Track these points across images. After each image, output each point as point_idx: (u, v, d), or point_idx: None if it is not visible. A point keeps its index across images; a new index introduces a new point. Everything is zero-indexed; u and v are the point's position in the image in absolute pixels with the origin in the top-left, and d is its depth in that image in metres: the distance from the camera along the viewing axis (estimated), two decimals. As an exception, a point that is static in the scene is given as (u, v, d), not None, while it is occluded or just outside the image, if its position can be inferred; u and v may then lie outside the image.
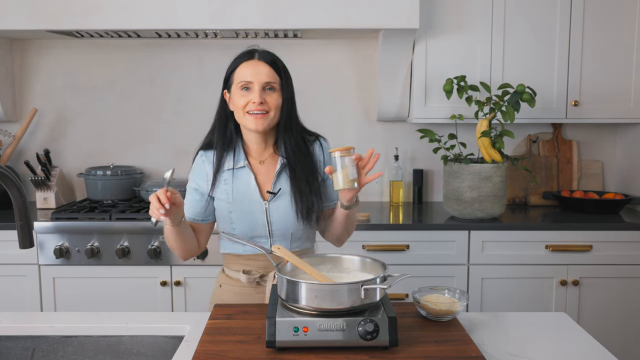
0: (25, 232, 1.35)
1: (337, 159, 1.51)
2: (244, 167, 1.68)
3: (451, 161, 2.76)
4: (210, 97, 3.16)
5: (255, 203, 1.67)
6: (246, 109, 1.61)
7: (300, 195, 1.65)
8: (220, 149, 1.69)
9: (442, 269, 2.67)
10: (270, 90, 1.62)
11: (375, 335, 1.29)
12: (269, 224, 1.67)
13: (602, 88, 2.87)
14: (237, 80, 1.63)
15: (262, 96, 1.60)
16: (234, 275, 1.74)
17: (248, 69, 1.61)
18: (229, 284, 1.75)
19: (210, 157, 1.71)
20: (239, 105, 1.62)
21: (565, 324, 1.54)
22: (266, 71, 1.61)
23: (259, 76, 1.60)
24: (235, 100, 1.64)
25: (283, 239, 1.69)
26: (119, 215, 2.68)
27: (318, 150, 1.73)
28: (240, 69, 1.63)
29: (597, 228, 2.66)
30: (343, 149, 1.51)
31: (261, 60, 1.63)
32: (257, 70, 1.61)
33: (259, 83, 1.60)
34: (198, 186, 1.72)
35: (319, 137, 1.75)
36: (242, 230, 1.68)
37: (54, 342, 1.53)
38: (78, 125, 3.19)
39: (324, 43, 3.13)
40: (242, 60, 1.64)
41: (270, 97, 1.62)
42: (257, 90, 1.60)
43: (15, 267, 2.67)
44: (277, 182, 1.68)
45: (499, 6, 2.80)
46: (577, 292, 2.69)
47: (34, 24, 2.65)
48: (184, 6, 2.62)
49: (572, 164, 3.18)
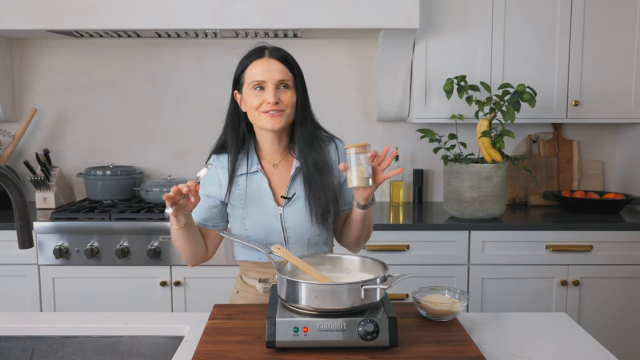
0: (24, 232, 1.34)
1: (351, 156, 1.47)
2: (257, 172, 1.63)
3: (451, 161, 2.76)
4: (210, 97, 3.18)
5: (269, 209, 1.62)
6: (261, 109, 1.56)
7: (315, 199, 1.59)
8: (235, 152, 1.63)
9: (442, 269, 2.67)
10: (284, 88, 1.57)
11: (376, 336, 1.28)
12: (284, 230, 1.62)
13: (602, 88, 2.87)
14: (248, 80, 1.57)
15: (277, 95, 1.55)
16: (251, 282, 1.70)
17: (259, 67, 1.56)
18: (245, 291, 1.71)
19: (223, 161, 1.65)
20: (253, 106, 1.57)
21: (566, 324, 1.54)
22: (278, 68, 1.56)
23: (271, 74, 1.55)
24: (248, 100, 1.58)
25: (300, 245, 1.64)
26: (118, 215, 2.68)
27: (333, 151, 1.67)
28: (251, 68, 1.57)
29: (597, 228, 2.66)
30: (358, 146, 1.46)
31: (272, 57, 1.57)
32: (269, 68, 1.56)
33: (273, 81, 1.55)
34: (210, 192, 1.66)
35: (334, 138, 1.70)
36: (257, 237, 1.62)
37: (53, 342, 1.52)
38: (78, 125, 3.19)
39: (324, 43, 3.12)
40: (252, 59, 1.58)
41: (284, 95, 1.57)
42: (271, 90, 1.55)
43: (14, 267, 2.66)
44: (291, 187, 1.63)
45: (499, 6, 2.80)
46: (577, 292, 2.68)
47: (34, 23, 2.64)
48: (183, 6, 2.62)
49: (572, 164, 3.17)
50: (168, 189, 2.89)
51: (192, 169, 3.19)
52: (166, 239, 2.64)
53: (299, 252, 1.64)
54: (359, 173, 1.47)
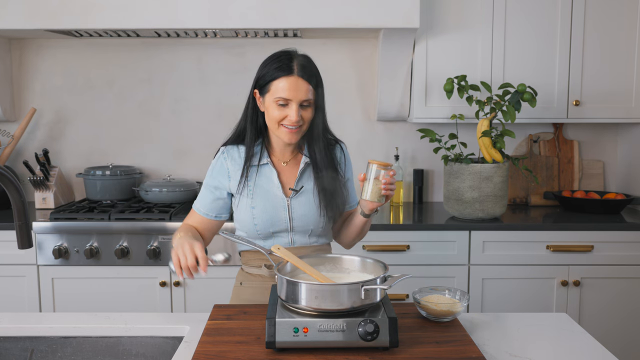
0: (24, 233, 1.34)
1: (372, 170, 1.57)
2: (267, 164, 1.71)
3: (452, 161, 2.75)
4: (210, 96, 3.18)
5: (278, 199, 1.70)
6: (281, 123, 1.62)
7: (324, 192, 1.68)
8: (251, 142, 1.70)
9: (442, 269, 2.66)
10: (306, 106, 1.63)
11: (376, 336, 1.28)
12: (291, 220, 1.70)
13: (603, 87, 2.86)
14: (274, 93, 1.61)
15: (299, 113, 1.61)
16: (255, 271, 1.76)
17: (287, 84, 1.59)
18: (249, 281, 1.76)
19: (233, 154, 1.72)
20: (274, 118, 1.62)
21: (566, 325, 1.54)
22: (305, 89, 1.60)
23: (297, 94, 1.59)
24: (270, 110, 1.63)
25: (303, 235, 1.72)
26: (118, 215, 2.67)
27: (339, 153, 1.77)
28: (279, 83, 1.60)
29: (598, 228, 2.65)
30: (381, 163, 1.56)
31: (300, 77, 1.60)
32: (297, 87, 1.59)
33: (297, 101, 1.60)
34: (218, 182, 1.73)
35: (338, 141, 1.79)
36: (264, 225, 1.69)
37: (52, 342, 1.52)
38: (77, 125, 3.19)
39: (324, 42, 3.12)
40: (280, 75, 1.60)
41: (305, 112, 1.63)
42: (294, 109, 1.60)
43: (14, 268, 2.66)
44: (300, 181, 1.71)
45: (500, 5, 2.80)
46: (578, 293, 2.68)
47: (33, 23, 2.64)
48: (183, 5, 2.61)
49: (573, 164, 3.17)
50: (167, 188, 2.89)
51: (191, 168, 3.19)
52: (166, 239, 2.63)
53: (301, 240, 1.72)
54: (376, 188, 1.57)
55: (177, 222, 2.63)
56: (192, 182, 3.04)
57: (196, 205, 1.75)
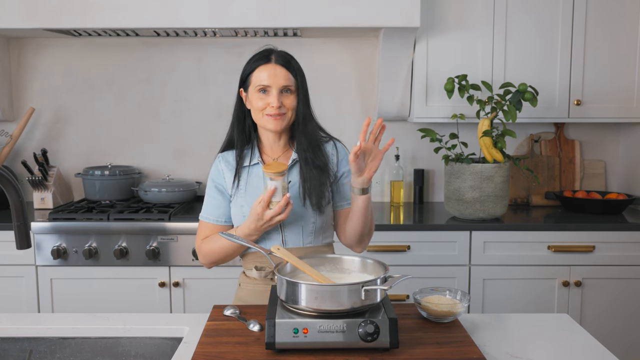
0: (22, 233, 1.33)
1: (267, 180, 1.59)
2: (257, 164, 1.73)
3: (452, 161, 2.74)
4: (209, 96, 3.17)
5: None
6: (265, 112, 1.67)
7: (309, 183, 1.69)
8: (241, 146, 1.75)
9: (443, 269, 2.66)
10: (287, 93, 1.68)
11: (376, 337, 1.27)
12: None
13: (604, 87, 2.86)
14: (254, 83, 1.68)
15: (280, 99, 1.66)
16: (250, 273, 1.76)
17: (265, 72, 1.66)
18: (246, 283, 1.77)
19: (227, 157, 1.76)
20: (257, 108, 1.68)
21: (568, 326, 1.53)
22: (283, 75, 1.67)
23: (276, 80, 1.66)
24: (253, 102, 1.69)
25: (295, 233, 1.70)
26: (117, 215, 2.66)
27: (331, 149, 1.77)
28: (258, 72, 1.67)
29: (599, 228, 2.64)
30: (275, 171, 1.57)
31: (278, 63, 1.68)
32: (275, 73, 1.66)
33: (277, 87, 1.66)
34: (220, 185, 1.75)
35: (333, 138, 1.80)
36: None
37: (51, 343, 1.52)
38: (76, 124, 3.18)
39: (324, 42, 3.11)
40: (259, 64, 1.68)
41: (287, 99, 1.67)
42: (275, 95, 1.65)
43: (12, 268, 2.65)
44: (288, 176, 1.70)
45: (501, 4, 2.79)
46: (579, 293, 2.67)
47: (31, 22, 2.63)
48: (183, 5, 2.61)
49: (574, 164, 3.16)
50: (167, 189, 2.88)
51: (191, 168, 3.19)
52: (165, 239, 2.62)
53: (295, 240, 1.70)
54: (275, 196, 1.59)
55: (176, 222, 2.62)
56: (192, 183, 3.03)
57: (204, 216, 1.76)
